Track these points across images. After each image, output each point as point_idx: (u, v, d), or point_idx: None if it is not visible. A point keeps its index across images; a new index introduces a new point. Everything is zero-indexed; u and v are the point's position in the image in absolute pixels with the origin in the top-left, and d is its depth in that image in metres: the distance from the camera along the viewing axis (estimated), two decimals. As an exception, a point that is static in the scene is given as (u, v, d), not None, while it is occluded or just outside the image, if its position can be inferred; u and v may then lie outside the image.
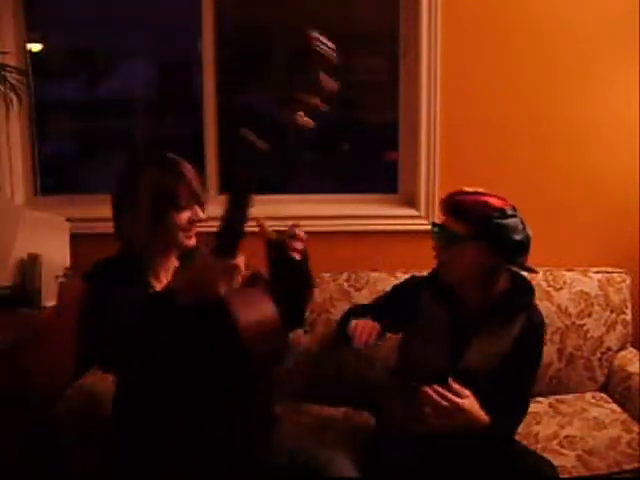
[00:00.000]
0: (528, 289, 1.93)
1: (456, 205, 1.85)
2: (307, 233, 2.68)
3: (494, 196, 1.85)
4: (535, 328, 1.91)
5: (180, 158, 1.74)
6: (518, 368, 1.87)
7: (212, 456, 1.59)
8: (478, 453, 1.81)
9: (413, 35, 2.65)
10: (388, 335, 2.06)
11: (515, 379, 1.87)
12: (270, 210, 2.74)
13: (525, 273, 1.90)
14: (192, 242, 1.73)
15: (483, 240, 1.80)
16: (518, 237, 1.79)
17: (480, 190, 1.87)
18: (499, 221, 1.78)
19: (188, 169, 1.72)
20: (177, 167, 1.69)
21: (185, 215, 1.69)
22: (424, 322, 1.96)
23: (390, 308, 2.08)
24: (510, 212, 1.81)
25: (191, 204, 1.70)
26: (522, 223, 1.82)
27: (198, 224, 1.72)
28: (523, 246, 1.81)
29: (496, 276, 1.87)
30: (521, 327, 1.88)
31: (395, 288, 2.16)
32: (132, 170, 1.72)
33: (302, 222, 2.67)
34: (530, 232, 1.83)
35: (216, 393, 1.58)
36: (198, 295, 1.46)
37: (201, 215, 1.72)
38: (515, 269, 1.89)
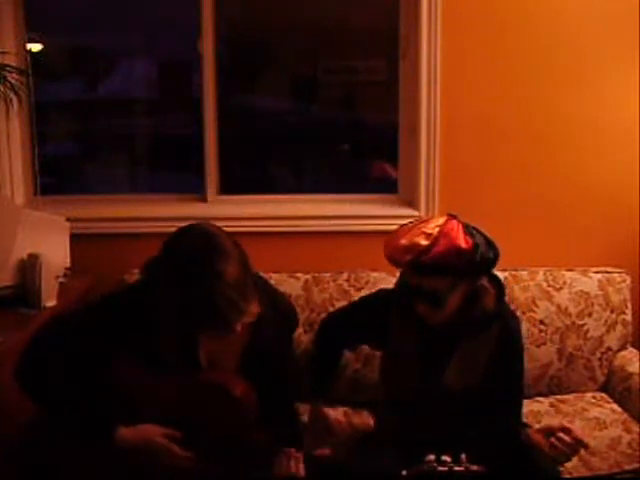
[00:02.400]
0: (499, 295, 1.86)
1: (429, 264, 1.71)
2: (307, 233, 2.71)
3: (447, 226, 1.73)
4: (511, 335, 1.87)
5: (223, 256, 1.46)
6: (500, 379, 1.84)
7: None
8: (477, 454, 1.81)
9: (413, 35, 2.65)
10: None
11: (500, 389, 1.83)
12: (271, 210, 2.75)
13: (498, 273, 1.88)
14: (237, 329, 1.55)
15: (468, 279, 1.75)
16: (492, 254, 1.75)
17: (429, 230, 1.72)
18: (477, 257, 1.71)
19: (227, 277, 1.44)
20: (211, 281, 1.44)
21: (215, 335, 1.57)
22: (396, 343, 1.91)
23: (358, 325, 2.02)
24: (477, 239, 1.73)
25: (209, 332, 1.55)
26: (480, 233, 1.76)
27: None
28: (497, 256, 1.77)
29: (482, 294, 1.81)
30: (497, 337, 1.83)
31: (363, 305, 2.07)
32: (166, 266, 1.49)
33: (302, 222, 2.71)
34: (486, 234, 1.77)
35: None
36: None
37: (238, 329, 1.51)
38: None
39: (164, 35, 3.20)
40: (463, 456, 1.54)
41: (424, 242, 1.71)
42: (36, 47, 2.89)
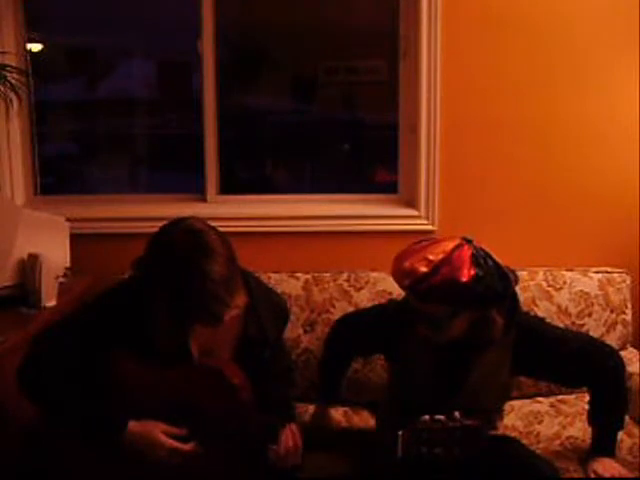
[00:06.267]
0: (512, 307, 1.82)
1: (426, 292, 1.66)
2: (307, 233, 2.71)
3: (455, 253, 1.67)
4: (527, 331, 1.84)
5: (210, 255, 1.49)
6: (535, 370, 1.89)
7: None
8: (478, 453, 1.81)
9: (413, 35, 2.65)
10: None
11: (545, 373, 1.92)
12: (271, 210, 2.75)
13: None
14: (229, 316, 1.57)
15: (470, 309, 1.71)
16: (501, 287, 1.69)
17: (432, 256, 1.66)
18: (478, 289, 1.65)
19: (213, 275, 1.47)
20: (199, 280, 1.47)
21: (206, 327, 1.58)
22: (409, 357, 1.89)
23: (370, 336, 2.01)
24: (482, 270, 1.66)
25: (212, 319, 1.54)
26: (493, 263, 1.69)
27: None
28: (507, 288, 1.71)
29: (489, 324, 1.76)
30: (513, 341, 1.82)
31: (374, 315, 2.04)
32: (155, 264, 1.53)
33: (302, 222, 2.71)
34: (501, 263, 1.71)
35: None
36: None
37: (232, 313, 1.54)
38: None
39: (164, 35, 3.20)
40: (457, 413, 1.55)
41: (423, 269, 1.66)
42: (36, 47, 2.89)
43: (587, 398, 2.38)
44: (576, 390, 2.43)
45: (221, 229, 1.62)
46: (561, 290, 2.49)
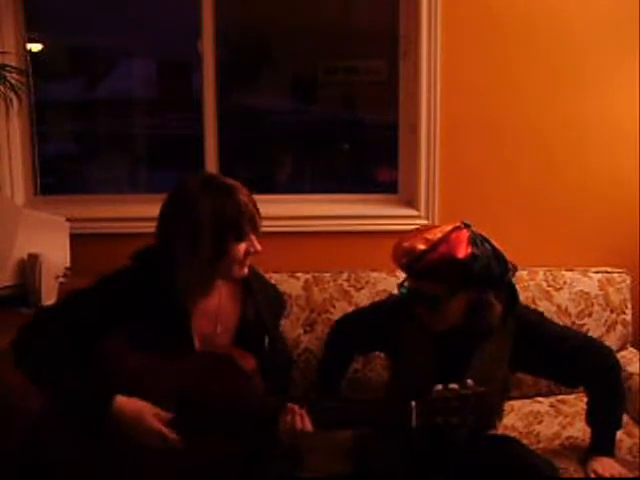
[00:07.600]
0: (511, 298, 1.83)
1: (423, 269, 1.70)
2: (307, 233, 2.71)
3: (453, 233, 1.72)
4: (528, 325, 1.85)
5: (235, 182, 1.66)
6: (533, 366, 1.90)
7: None
8: (478, 453, 1.81)
9: (413, 35, 2.65)
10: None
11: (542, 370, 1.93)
12: (271, 210, 2.74)
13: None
14: (245, 272, 1.68)
15: (466, 289, 1.73)
16: (497, 270, 1.71)
17: (430, 235, 1.72)
18: (475, 267, 1.68)
19: (245, 194, 1.64)
20: (236, 194, 1.62)
21: (243, 246, 1.65)
22: (409, 352, 1.89)
23: (370, 333, 2.02)
24: (480, 251, 1.69)
25: (250, 234, 1.66)
26: (491, 247, 1.72)
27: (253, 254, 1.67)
28: (503, 272, 1.73)
29: (486, 308, 1.77)
30: (513, 332, 1.83)
31: (374, 312, 2.06)
32: (187, 196, 1.62)
33: (302, 222, 2.71)
34: (499, 249, 1.74)
35: None
36: None
37: (258, 247, 1.67)
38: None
39: (164, 35, 3.20)
40: (469, 381, 1.55)
41: (421, 247, 1.71)
42: (36, 47, 2.89)
43: (587, 398, 2.39)
44: (576, 390, 2.44)
45: (221, 229, 1.63)
46: (561, 290, 2.49)
